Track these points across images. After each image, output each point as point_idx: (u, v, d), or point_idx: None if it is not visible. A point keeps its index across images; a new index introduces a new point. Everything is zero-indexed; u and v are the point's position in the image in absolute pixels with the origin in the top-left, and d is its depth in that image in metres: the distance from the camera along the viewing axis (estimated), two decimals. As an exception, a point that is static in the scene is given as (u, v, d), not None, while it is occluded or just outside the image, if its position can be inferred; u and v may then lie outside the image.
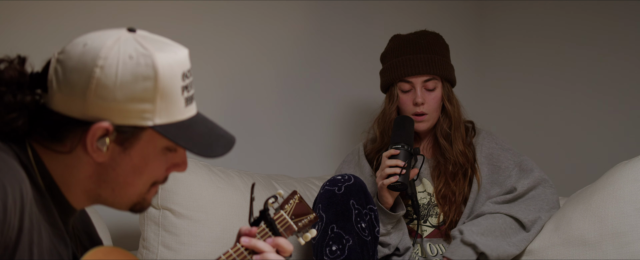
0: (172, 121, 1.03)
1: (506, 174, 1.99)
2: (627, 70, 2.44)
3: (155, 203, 1.85)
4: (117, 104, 0.99)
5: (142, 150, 1.03)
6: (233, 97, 2.36)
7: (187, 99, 1.05)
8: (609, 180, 1.82)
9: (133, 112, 1.00)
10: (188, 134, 1.04)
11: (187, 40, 2.22)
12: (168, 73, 1.01)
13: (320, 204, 1.83)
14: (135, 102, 0.99)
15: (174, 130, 1.02)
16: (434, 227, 2.01)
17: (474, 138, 2.07)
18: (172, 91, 1.01)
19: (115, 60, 0.98)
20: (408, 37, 2.07)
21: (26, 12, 1.97)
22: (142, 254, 1.85)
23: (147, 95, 1.00)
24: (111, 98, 0.99)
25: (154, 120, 1.01)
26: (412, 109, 2.00)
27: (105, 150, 1.01)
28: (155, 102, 1.00)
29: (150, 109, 1.00)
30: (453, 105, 2.03)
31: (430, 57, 1.99)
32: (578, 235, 1.79)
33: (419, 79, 1.99)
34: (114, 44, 0.99)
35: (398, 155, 1.87)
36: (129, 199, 1.07)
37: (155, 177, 1.07)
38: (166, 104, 1.01)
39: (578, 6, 2.56)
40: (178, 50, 1.04)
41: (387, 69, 2.05)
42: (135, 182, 1.05)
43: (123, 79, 0.98)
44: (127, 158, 1.03)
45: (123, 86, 0.99)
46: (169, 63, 1.01)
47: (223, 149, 1.07)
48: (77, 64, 0.99)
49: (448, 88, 2.04)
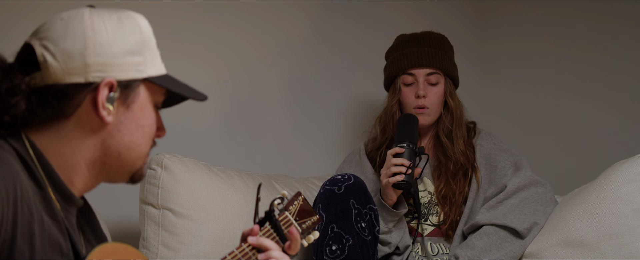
0: (159, 73, 1.09)
1: (502, 173, 1.99)
2: (625, 70, 2.44)
3: (155, 203, 1.85)
4: (115, 59, 1.04)
5: (142, 104, 1.08)
6: (233, 97, 2.36)
7: (160, 56, 1.11)
8: (605, 181, 1.82)
9: (129, 66, 1.05)
10: (174, 83, 1.10)
11: (188, 40, 2.24)
12: (147, 26, 1.09)
13: (320, 203, 1.83)
14: (129, 55, 1.05)
15: (165, 81, 1.09)
16: (434, 226, 2.02)
17: (474, 138, 2.08)
18: (152, 44, 1.09)
19: (100, 20, 1.04)
20: (413, 34, 2.10)
21: (26, 12, 1.97)
22: (142, 254, 1.85)
23: (137, 48, 1.05)
24: (109, 53, 1.03)
25: (147, 72, 1.06)
26: (413, 101, 2.01)
27: (113, 108, 1.04)
28: (144, 54, 1.06)
29: (142, 61, 1.06)
30: (456, 102, 2.04)
31: (434, 51, 2.01)
32: (576, 236, 1.79)
33: (421, 72, 2.00)
34: (90, 12, 1.05)
35: (403, 154, 1.88)
36: (134, 162, 1.09)
37: (153, 132, 1.11)
38: (151, 56, 1.08)
39: (578, 6, 2.57)
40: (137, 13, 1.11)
41: (391, 62, 2.08)
42: (139, 141, 1.08)
43: (114, 33, 1.04)
44: (130, 115, 1.07)
45: (116, 40, 1.04)
46: (144, 20, 1.09)
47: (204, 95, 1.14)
48: (67, 32, 1.03)
49: (451, 85, 2.05)
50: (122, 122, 1.06)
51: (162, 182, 1.85)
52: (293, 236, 1.21)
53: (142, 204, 1.88)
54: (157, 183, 1.85)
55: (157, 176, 1.85)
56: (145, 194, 1.86)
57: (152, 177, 1.86)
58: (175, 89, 1.08)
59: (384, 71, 2.12)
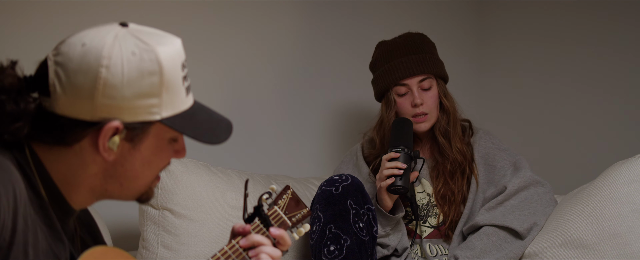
0: (176, 112, 1.04)
1: (501, 173, 1.98)
2: (624, 70, 2.44)
3: (155, 203, 1.85)
4: (126, 102, 0.99)
5: (151, 144, 1.05)
6: (232, 97, 2.36)
7: (187, 88, 1.06)
8: (605, 181, 1.81)
9: (141, 108, 1.00)
10: (192, 123, 1.06)
11: (186, 40, 2.22)
12: (171, 66, 1.02)
13: (317, 204, 1.83)
14: (143, 98, 1.00)
15: (180, 121, 1.04)
16: (433, 228, 2.01)
17: (472, 137, 2.07)
18: (175, 83, 1.03)
19: (119, 58, 0.98)
20: (394, 41, 2.05)
21: (25, 12, 1.97)
22: (142, 254, 1.86)
23: (153, 90, 1.00)
24: (120, 97, 0.99)
25: (161, 114, 1.02)
26: (411, 111, 1.99)
27: (115, 149, 1.02)
28: (161, 96, 1.01)
29: (157, 103, 1.01)
30: (450, 102, 2.03)
31: (421, 56, 1.99)
32: (576, 237, 1.78)
33: (414, 80, 1.98)
34: (114, 41, 0.99)
35: (398, 158, 1.87)
36: (137, 190, 1.08)
37: (161, 167, 1.09)
38: (171, 96, 1.02)
39: (578, 6, 2.56)
40: (174, 41, 1.05)
41: (380, 76, 2.04)
42: (144, 175, 1.07)
43: (129, 76, 0.98)
44: (136, 153, 1.04)
45: (130, 84, 0.99)
46: (170, 56, 1.02)
47: (226, 133, 1.10)
48: (81, 65, 0.98)
49: (442, 85, 2.04)
50: (126, 159, 1.04)
51: (161, 182, 1.85)
52: (276, 234, 1.19)
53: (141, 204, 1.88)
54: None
55: (156, 177, 1.85)
56: (145, 194, 1.86)
57: (152, 178, 1.86)
58: (188, 132, 1.04)
59: (373, 84, 2.09)
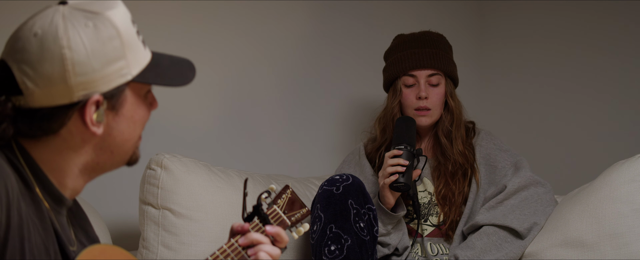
0: (143, 67, 1.08)
1: (502, 173, 1.99)
2: (625, 70, 2.44)
3: (155, 203, 1.85)
4: (97, 73, 1.02)
5: (130, 104, 1.08)
6: (233, 97, 2.36)
7: (143, 41, 1.09)
8: (605, 181, 1.81)
9: (113, 74, 1.03)
10: (159, 73, 1.10)
11: (188, 41, 2.24)
12: (125, 25, 1.05)
13: (318, 204, 1.83)
14: (111, 64, 1.03)
15: (149, 74, 1.08)
16: (434, 227, 2.01)
17: (474, 139, 2.07)
18: (133, 40, 1.06)
19: (76, 34, 1.00)
20: (412, 34, 2.09)
21: (26, 11, 1.97)
22: (142, 254, 1.86)
23: (118, 53, 1.03)
24: (90, 70, 1.01)
25: (131, 73, 1.06)
26: (415, 103, 2.00)
27: (103, 120, 1.05)
28: (126, 56, 1.04)
29: (124, 64, 1.04)
30: (456, 103, 2.04)
31: (435, 51, 2.00)
32: (576, 236, 1.79)
33: (423, 73, 1.99)
34: (63, 21, 1.01)
35: (401, 155, 1.87)
36: (126, 153, 1.11)
37: (144, 123, 1.12)
38: (134, 54, 1.06)
39: (578, 6, 2.56)
40: (116, 2, 1.07)
41: (391, 64, 2.06)
42: (131, 136, 1.10)
43: (92, 48, 1.01)
44: (121, 118, 1.07)
45: (95, 54, 1.01)
46: (121, 16, 1.05)
47: (191, 72, 1.14)
48: (43, 54, 1.00)
49: (451, 85, 2.05)
50: (113, 127, 1.07)
51: (161, 182, 1.85)
52: (271, 232, 1.20)
53: (142, 204, 1.88)
54: (157, 183, 1.85)
55: (156, 176, 1.85)
56: (145, 194, 1.86)
57: (152, 177, 1.86)
58: (160, 81, 1.09)
59: (384, 72, 2.11)
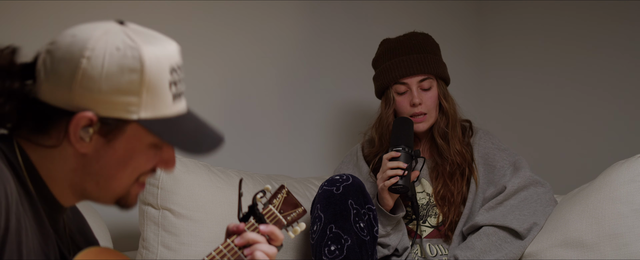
0: (158, 116, 1.01)
1: (501, 173, 1.98)
2: (624, 70, 2.44)
3: (155, 203, 1.85)
4: (102, 96, 0.99)
5: (127, 143, 1.02)
6: (233, 97, 2.36)
7: (175, 94, 1.03)
8: (605, 181, 1.81)
9: (118, 105, 0.99)
10: (174, 130, 1.02)
11: (186, 40, 2.23)
12: (155, 66, 1.00)
13: (318, 204, 1.83)
14: (120, 94, 0.99)
15: (159, 125, 1.01)
16: (433, 228, 2.01)
17: (472, 138, 2.07)
18: (158, 85, 1.00)
19: (102, 51, 0.98)
20: (398, 39, 2.06)
21: (25, 12, 1.97)
22: (142, 254, 1.86)
23: (132, 88, 0.99)
24: (96, 89, 0.98)
25: (139, 114, 1.00)
26: (409, 110, 1.99)
27: (88, 140, 1.00)
28: (141, 95, 0.99)
29: (135, 102, 1.00)
30: (449, 104, 2.03)
31: (423, 56, 1.99)
32: (576, 236, 1.79)
33: (414, 80, 1.99)
34: (102, 35, 0.99)
35: (399, 157, 1.87)
36: (114, 192, 1.05)
37: (140, 172, 1.05)
38: (152, 98, 1.00)
39: (578, 6, 2.56)
40: (167, 44, 1.04)
41: (380, 73, 2.05)
42: (119, 175, 1.04)
43: (109, 70, 0.98)
44: (111, 151, 1.02)
45: (108, 77, 0.98)
46: (156, 56, 1.00)
47: (210, 146, 1.06)
48: (65, 54, 0.99)
49: (443, 86, 2.04)
50: (101, 155, 1.02)
51: (161, 182, 1.85)
52: (265, 231, 1.20)
53: (141, 204, 1.88)
54: (157, 183, 1.85)
55: (156, 176, 1.85)
56: (145, 194, 1.87)
57: (152, 178, 1.85)
58: (165, 137, 1.02)
59: (374, 81, 2.09)
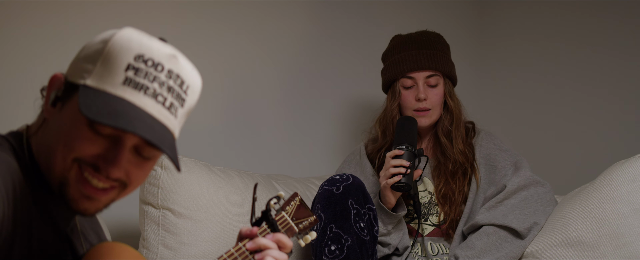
0: (99, 88, 0.99)
1: (502, 173, 1.99)
2: (625, 70, 2.44)
3: (155, 203, 1.85)
4: (77, 61, 1.03)
5: (70, 112, 1.00)
6: (234, 97, 2.36)
7: (130, 79, 1.00)
8: (605, 181, 1.81)
9: (79, 70, 1.01)
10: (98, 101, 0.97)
11: (188, 40, 2.24)
12: (119, 43, 1.01)
13: (318, 203, 1.83)
14: (86, 61, 1.02)
15: (92, 94, 0.98)
16: (434, 226, 2.02)
17: (474, 138, 2.07)
18: (114, 61, 1.00)
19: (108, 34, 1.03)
20: (409, 35, 2.08)
21: (25, 12, 1.97)
22: (142, 254, 1.85)
23: (94, 56, 1.01)
24: (77, 56, 1.04)
25: (86, 80, 1.00)
26: (414, 104, 2.00)
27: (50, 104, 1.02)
28: (96, 64, 1.00)
29: (90, 69, 1.00)
30: (455, 102, 2.04)
31: (433, 52, 2.00)
32: (576, 236, 1.79)
33: (421, 75, 2.00)
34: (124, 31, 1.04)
35: (402, 155, 1.87)
36: (54, 170, 1.00)
37: (77, 152, 0.98)
38: (104, 69, 1.00)
39: (578, 6, 2.56)
40: (157, 43, 1.04)
41: (389, 66, 2.06)
42: (58, 149, 0.99)
43: (92, 41, 1.03)
44: (59, 118, 1.01)
45: (88, 46, 1.03)
46: (128, 37, 1.02)
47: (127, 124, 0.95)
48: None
49: (450, 85, 2.05)
50: (53, 122, 1.02)
51: (162, 182, 1.85)
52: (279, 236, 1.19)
53: (142, 204, 1.88)
54: (157, 183, 1.85)
55: (157, 176, 1.85)
56: (145, 194, 1.87)
57: (152, 177, 1.86)
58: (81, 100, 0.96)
59: (382, 74, 2.11)
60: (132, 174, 1.03)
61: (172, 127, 1.03)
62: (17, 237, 0.94)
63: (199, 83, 1.08)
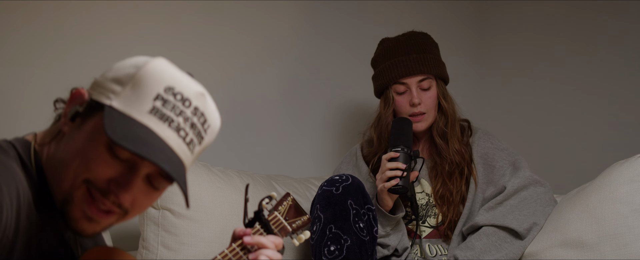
0: (125, 111, 0.99)
1: (500, 173, 1.99)
2: (625, 70, 2.44)
3: (155, 203, 1.85)
4: (103, 80, 1.03)
5: (90, 130, 1.00)
6: (233, 97, 2.36)
7: (157, 109, 1.01)
8: (605, 181, 1.81)
9: (105, 89, 1.02)
10: (122, 124, 0.98)
11: (187, 40, 2.24)
12: (152, 72, 1.02)
13: (318, 204, 1.83)
14: (113, 82, 1.02)
15: (117, 117, 0.98)
16: (432, 228, 2.01)
17: (471, 137, 2.07)
18: (144, 88, 1.01)
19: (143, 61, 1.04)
20: (397, 39, 2.06)
21: (25, 12, 1.97)
22: (142, 254, 1.86)
23: (124, 79, 1.02)
24: (104, 76, 1.04)
25: (112, 101, 1.01)
26: (408, 110, 2.00)
27: (70, 118, 1.03)
28: (125, 87, 1.01)
29: (118, 90, 1.01)
30: (449, 103, 2.03)
31: (422, 56, 1.99)
32: (576, 237, 1.79)
33: (413, 80, 1.99)
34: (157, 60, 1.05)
35: (398, 157, 1.87)
36: (62, 187, 1.00)
37: (89, 171, 0.99)
38: (132, 94, 1.00)
39: (578, 6, 2.56)
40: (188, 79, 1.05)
41: (380, 72, 2.05)
42: (70, 164, 0.99)
43: (124, 64, 1.04)
44: (77, 134, 1.02)
45: (118, 68, 1.04)
46: (162, 68, 1.03)
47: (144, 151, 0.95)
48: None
49: (442, 86, 2.04)
50: (70, 137, 1.02)
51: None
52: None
53: (141, 204, 1.88)
54: (157, 183, 1.85)
55: (156, 176, 1.85)
56: (145, 194, 1.87)
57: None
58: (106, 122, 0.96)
59: (373, 80, 2.10)
60: (137, 202, 1.04)
61: (187, 163, 1.05)
62: (17, 244, 0.95)
63: (218, 124, 1.10)
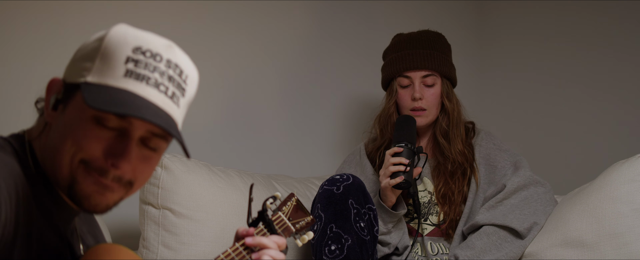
0: (101, 83, 1.00)
1: (502, 173, 1.99)
2: (625, 70, 2.44)
3: (155, 203, 1.85)
4: (73, 62, 1.03)
5: (73, 111, 1.01)
6: (234, 97, 2.36)
7: (131, 71, 1.01)
8: (605, 181, 1.82)
9: (77, 70, 1.02)
10: (102, 93, 0.98)
11: (188, 40, 2.23)
12: (116, 38, 1.02)
13: (319, 203, 1.83)
14: (83, 60, 1.02)
15: (95, 89, 0.99)
16: (434, 226, 2.02)
17: (474, 139, 2.08)
18: (113, 55, 1.01)
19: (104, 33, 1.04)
20: (410, 34, 2.09)
21: (25, 12, 1.97)
22: (142, 254, 1.86)
23: (92, 54, 1.02)
24: (73, 58, 1.04)
25: (87, 78, 1.00)
26: (410, 104, 2.01)
27: (51, 107, 1.03)
28: (95, 61, 1.01)
29: (89, 66, 1.01)
30: (452, 104, 2.04)
31: (430, 52, 2.00)
32: (576, 236, 1.79)
33: (417, 74, 2.00)
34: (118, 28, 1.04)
35: (401, 153, 1.87)
36: (61, 171, 1.00)
37: (83, 150, 0.99)
38: (103, 65, 1.01)
39: (578, 6, 2.56)
40: (153, 35, 1.05)
41: (387, 64, 2.08)
42: (62, 149, 1.00)
43: (88, 41, 1.04)
44: (61, 120, 1.02)
45: (83, 47, 1.04)
46: (124, 32, 1.03)
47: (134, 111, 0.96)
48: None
49: (448, 86, 2.05)
50: (56, 125, 1.02)
51: (162, 182, 1.85)
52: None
53: (142, 203, 1.88)
54: (157, 183, 1.85)
55: (157, 176, 1.85)
56: (145, 193, 1.87)
57: (153, 177, 1.86)
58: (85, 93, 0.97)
59: (381, 71, 2.13)
60: (138, 170, 1.03)
61: (176, 117, 1.05)
62: (18, 240, 0.95)
63: (196, 73, 1.10)
